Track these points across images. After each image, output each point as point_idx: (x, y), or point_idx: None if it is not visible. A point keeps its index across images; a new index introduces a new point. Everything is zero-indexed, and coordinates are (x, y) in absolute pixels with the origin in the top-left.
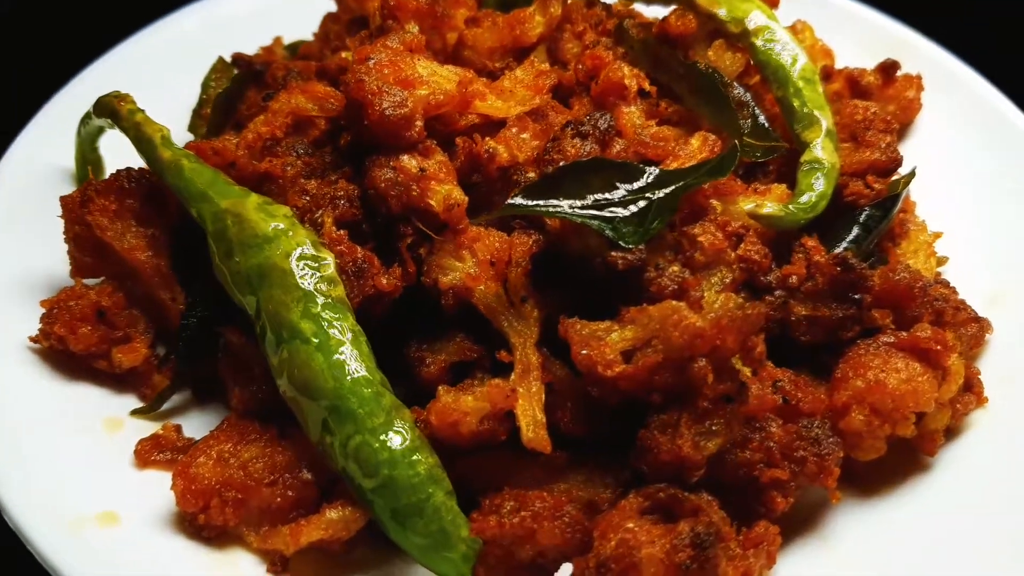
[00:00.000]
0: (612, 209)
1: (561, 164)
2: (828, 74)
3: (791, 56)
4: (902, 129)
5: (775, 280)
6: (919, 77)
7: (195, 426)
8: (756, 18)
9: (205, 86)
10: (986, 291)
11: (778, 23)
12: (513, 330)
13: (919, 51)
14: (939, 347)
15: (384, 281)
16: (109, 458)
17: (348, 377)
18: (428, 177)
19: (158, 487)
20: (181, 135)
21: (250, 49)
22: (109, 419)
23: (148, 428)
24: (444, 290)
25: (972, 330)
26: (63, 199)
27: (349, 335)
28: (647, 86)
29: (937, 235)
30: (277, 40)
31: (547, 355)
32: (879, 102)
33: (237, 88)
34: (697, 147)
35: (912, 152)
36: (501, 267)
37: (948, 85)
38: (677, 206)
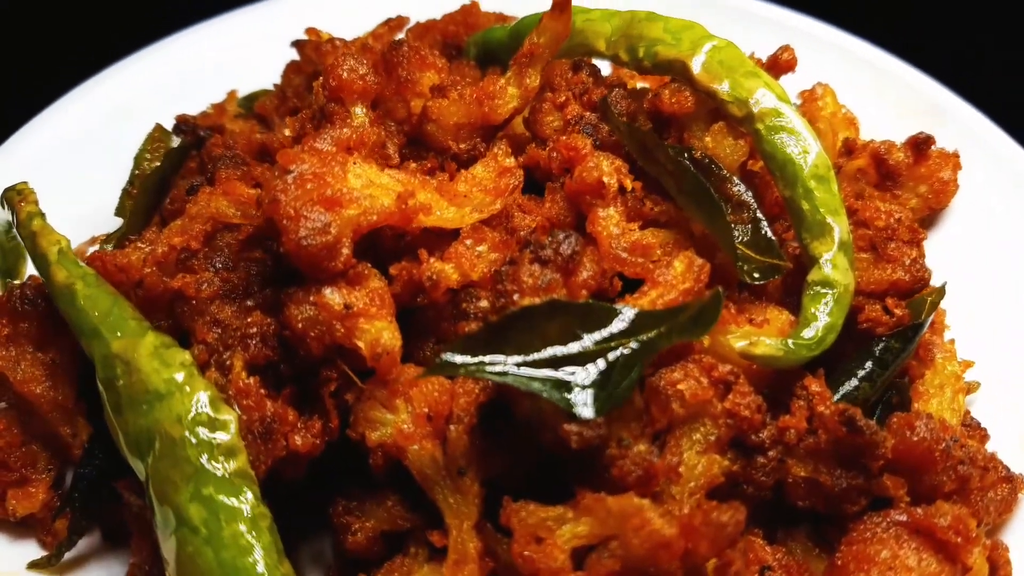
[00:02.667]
0: (568, 369)
1: (509, 310)
2: (851, 149)
3: (802, 148)
4: (933, 215)
5: (769, 438)
6: (956, 155)
7: None
8: (763, 98)
9: (138, 160)
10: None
11: (789, 104)
12: (448, 507)
13: (956, 118)
14: (960, 539)
15: (299, 440)
16: None
17: None
18: (355, 314)
19: None
20: (107, 221)
21: (205, 98)
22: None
23: None
24: (372, 448)
25: (1002, 492)
26: None
27: (245, 524)
28: (628, 184)
29: (967, 364)
30: (231, 95)
31: (491, 532)
32: (909, 181)
33: (171, 166)
34: (680, 273)
35: (944, 245)
36: (440, 422)
37: (989, 162)
38: (645, 367)
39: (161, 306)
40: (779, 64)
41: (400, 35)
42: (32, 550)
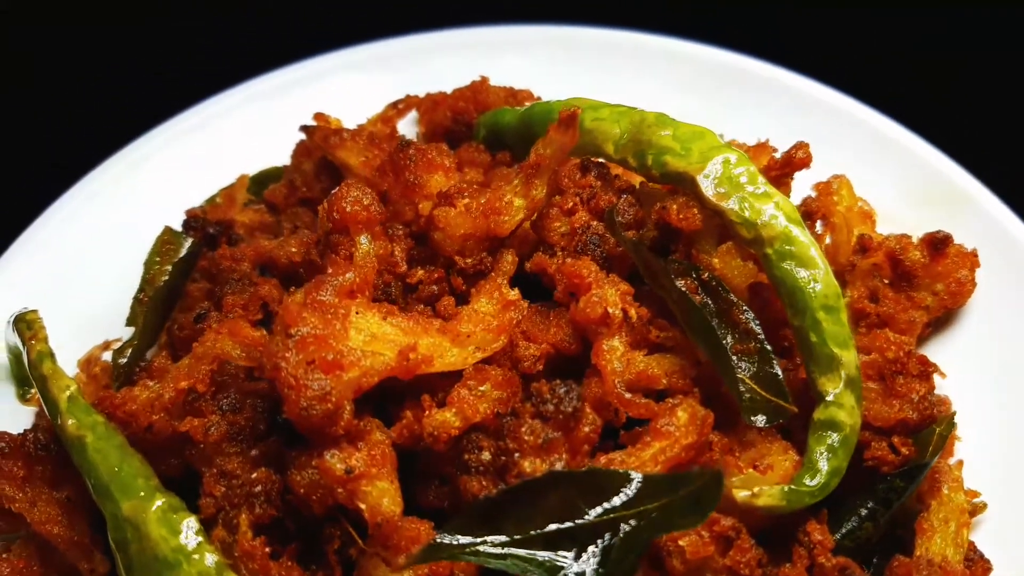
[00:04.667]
0: (568, 549)
1: (510, 484)
2: (866, 246)
3: (810, 276)
4: (949, 314)
5: None
6: (974, 253)
7: None
8: (773, 220)
9: (148, 266)
10: None
11: (800, 227)
12: None
13: (977, 207)
14: None
15: None
16: None
17: None
18: (356, 477)
19: None
20: (118, 328)
21: (216, 181)
22: None
23: None
24: None
25: None
26: None
27: None
28: (634, 314)
29: (974, 495)
30: (241, 181)
31: None
32: (925, 280)
33: (180, 273)
34: (684, 424)
35: (957, 349)
36: None
37: (1011, 259)
38: (646, 549)
39: (170, 448)
40: (793, 162)
41: (408, 116)
42: None
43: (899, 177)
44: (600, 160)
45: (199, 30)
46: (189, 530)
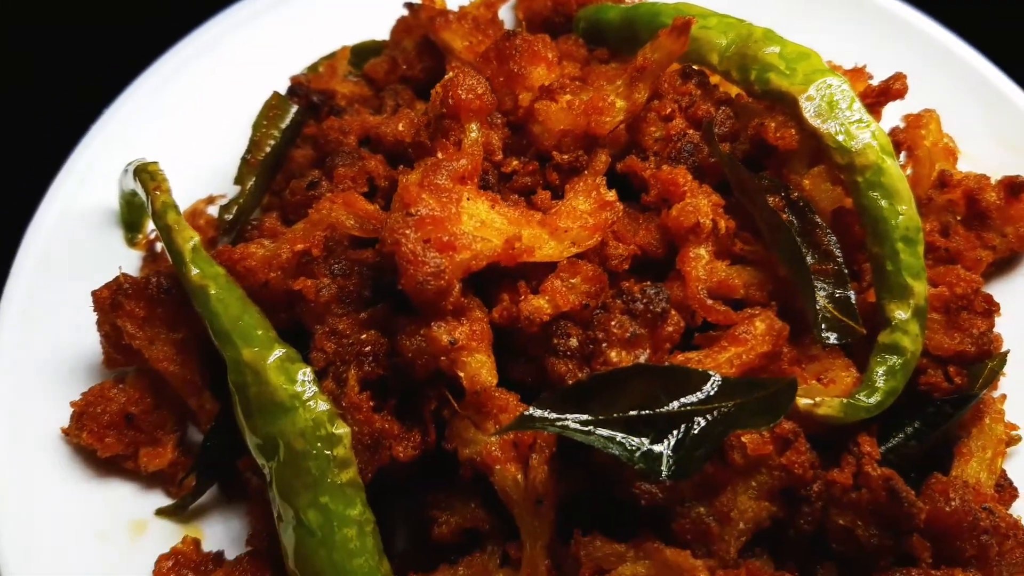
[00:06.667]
0: (647, 433)
1: (597, 371)
2: (945, 182)
3: (896, 208)
4: (1013, 258)
5: (816, 491)
6: None
7: (218, 535)
8: (868, 149)
9: (256, 127)
10: None
11: (892, 158)
12: (525, 526)
13: None
14: None
15: (401, 451)
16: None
17: None
18: (459, 348)
19: None
20: (227, 186)
21: (316, 50)
22: (134, 522)
23: (172, 530)
24: (463, 461)
25: (1017, 558)
26: (95, 295)
27: (354, 530)
28: (723, 225)
29: (1012, 427)
30: (342, 52)
31: (559, 546)
32: (997, 221)
33: (287, 141)
34: (760, 334)
35: (1016, 290)
36: (524, 450)
37: None
38: (720, 442)
39: (281, 303)
40: (890, 92)
41: (507, 2)
42: (160, 500)
43: (987, 118)
44: (701, 69)
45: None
46: (305, 379)
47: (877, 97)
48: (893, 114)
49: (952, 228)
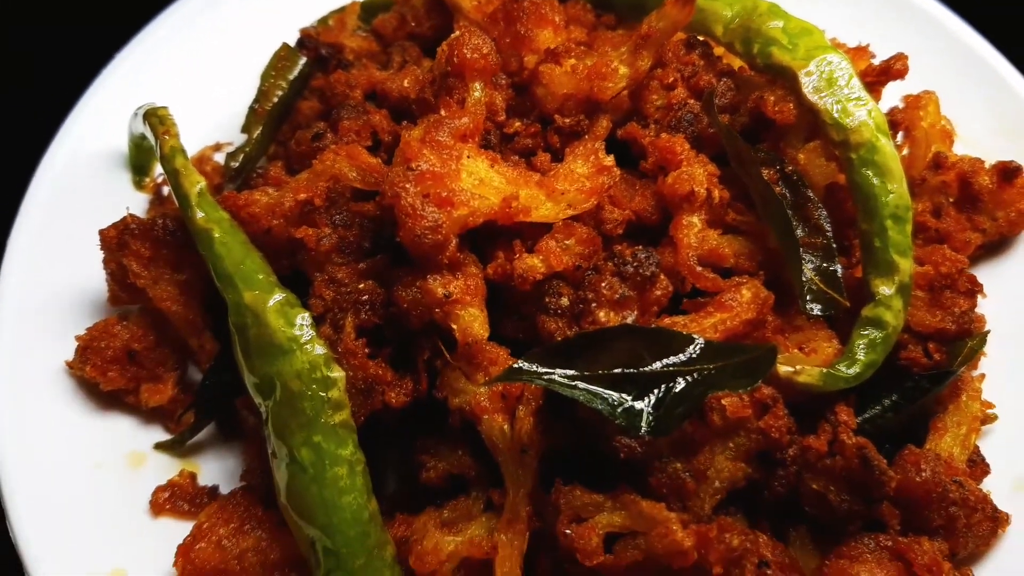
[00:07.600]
0: (630, 390)
1: (584, 329)
2: (939, 164)
3: (887, 185)
4: (1003, 242)
5: (791, 455)
6: None
7: (213, 470)
8: (863, 127)
9: (265, 77)
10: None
11: (886, 136)
12: (509, 474)
13: None
14: (931, 574)
15: (393, 397)
16: (126, 504)
17: (337, 515)
18: (453, 301)
19: (167, 542)
20: (233, 134)
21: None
22: (133, 453)
23: (169, 464)
24: (452, 410)
25: (984, 530)
26: (102, 234)
27: (345, 469)
28: (717, 195)
29: (988, 406)
30: (352, 7)
31: (541, 494)
32: (988, 205)
33: (294, 92)
34: (746, 301)
35: (1002, 274)
36: (511, 401)
37: None
38: (700, 402)
39: (283, 250)
40: (890, 72)
41: None
42: (159, 435)
43: (987, 104)
44: (705, 39)
45: None
46: (304, 323)
47: (878, 76)
48: (894, 94)
49: (944, 209)
